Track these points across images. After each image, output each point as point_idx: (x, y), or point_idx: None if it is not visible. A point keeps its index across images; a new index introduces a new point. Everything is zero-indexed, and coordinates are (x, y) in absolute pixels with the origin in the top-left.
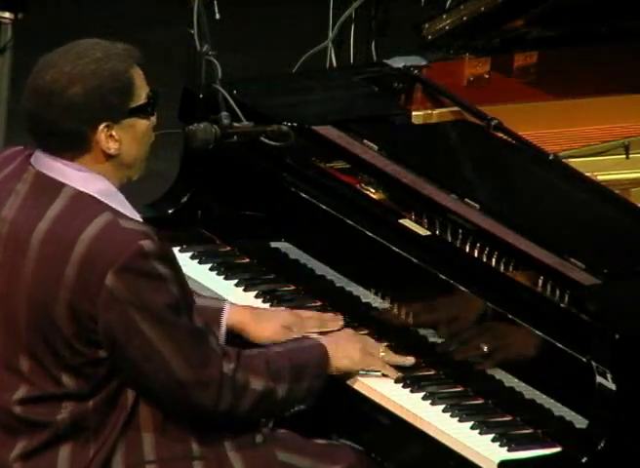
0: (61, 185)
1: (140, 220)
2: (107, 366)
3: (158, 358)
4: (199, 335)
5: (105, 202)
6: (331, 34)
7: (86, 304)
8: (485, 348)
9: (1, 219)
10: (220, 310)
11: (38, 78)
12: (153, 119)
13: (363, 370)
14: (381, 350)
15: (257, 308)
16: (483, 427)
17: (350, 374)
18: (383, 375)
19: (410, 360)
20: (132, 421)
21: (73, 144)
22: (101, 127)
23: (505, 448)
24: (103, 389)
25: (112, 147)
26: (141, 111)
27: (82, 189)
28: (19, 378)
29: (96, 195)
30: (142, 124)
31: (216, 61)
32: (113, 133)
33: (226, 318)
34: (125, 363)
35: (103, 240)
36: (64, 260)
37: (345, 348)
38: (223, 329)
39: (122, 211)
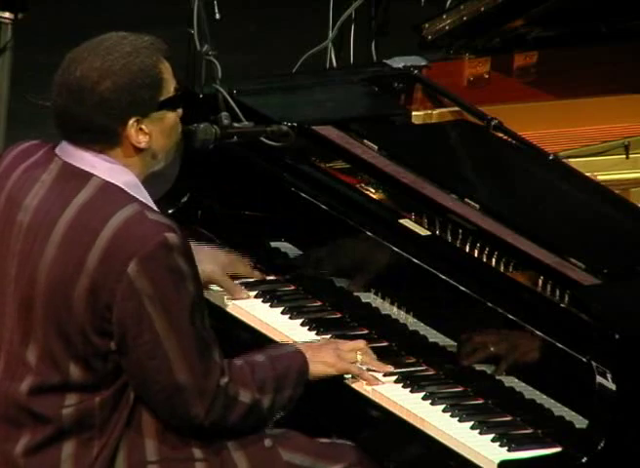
0: (89, 175)
1: (163, 214)
2: (116, 361)
3: (163, 357)
4: (206, 344)
5: (132, 194)
6: (331, 34)
7: (105, 292)
8: (485, 348)
9: (24, 208)
10: None
11: (67, 74)
12: (180, 111)
13: (339, 373)
14: (359, 353)
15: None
16: (483, 427)
17: (328, 378)
18: (382, 375)
19: (388, 368)
20: (134, 421)
21: (104, 139)
22: (131, 121)
23: (505, 448)
24: (111, 385)
25: (142, 141)
26: (170, 104)
27: (109, 180)
28: (25, 369)
29: (123, 187)
30: (171, 116)
31: (216, 61)
32: (143, 126)
33: None
34: (130, 356)
35: (129, 229)
36: (88, 246)
37: (320, 353)
38: None
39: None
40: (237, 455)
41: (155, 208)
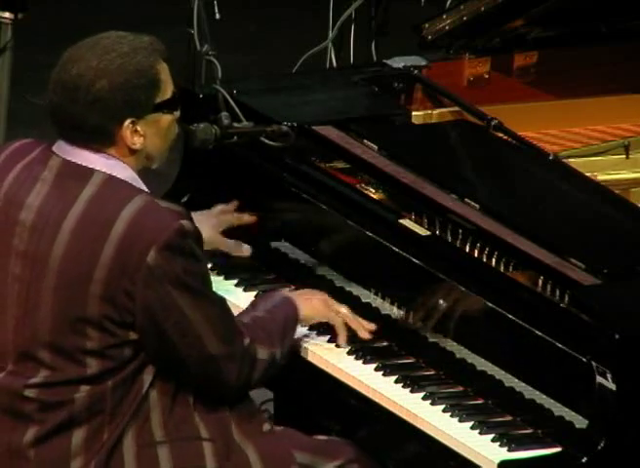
0: (91, 171)
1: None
2: (133, 348)
3: (193, 333)
4: (226, 312)
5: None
6: (331, 34)
7: (124, 282)
8: (484, 348)
9: (26, 207)
10: None
11: (64, 72)
12: (177, 113)
13: (324, 319)
14: (344, 307)
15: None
16: (483, 427)
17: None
18: (382, 375)
19: (371, 326)
20: (144, 403)
21: (98, 138)
22: (127, 123)
23: (505, 448)
24: (122, 370)
25: (137, 142)
26: (166, 107)
27: (112, 174)
28: (37, 366)
29: (126, 180)
30: (166, 119)
31: (216, 61)
32: (138, 128)
33: None
34: (161, 340)
35: (144, 218)
36: (102, 240)
37: (310, 299)
38: None
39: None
40: (244, 443)
41: None
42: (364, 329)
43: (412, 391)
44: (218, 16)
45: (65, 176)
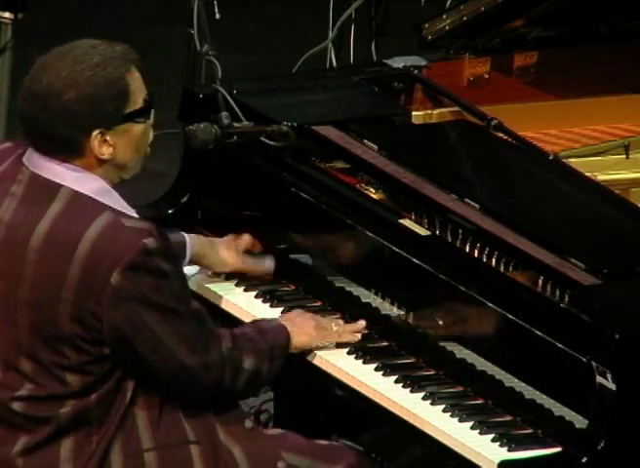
0: (58, 186)
1: (139, 217)
2: (111, 361)
3: (165, 349)
4: (199, 321)
5: (102, 201)
6: (331, 34)
7: (90, 303)
8: (484, 348)
9: None
10: (183, 244)
11: (34, 80)
12: (150, 121)
13: (320, 344)
14: (333, 324)
15: (207, 238)
16: (483, 427)
17: (308, 351)
18: (382, 375)
19: (362, 323)
20: (129, 411)
21: (66, 148)
22: (95, 133)
23: (505, 448)
24: (106, 383)
25: (106, 152)
26: (137, 116)
27: (78, 189)
28: (21, 378)
29: (92, 195)
30: (138, 128)
31: (216, 61)
32: (107, 138)
33: (190, 249)
34: (133, 357)
35: (108, 239)
36: (67, 261)
37: (301, 326)
38: (187, 259)
39: (119, 208)
40: (231, 445)
41: (130, 210)
42: (358, 331)
43: (412, 391)
44: (218, 16)
45: (33, 192)
